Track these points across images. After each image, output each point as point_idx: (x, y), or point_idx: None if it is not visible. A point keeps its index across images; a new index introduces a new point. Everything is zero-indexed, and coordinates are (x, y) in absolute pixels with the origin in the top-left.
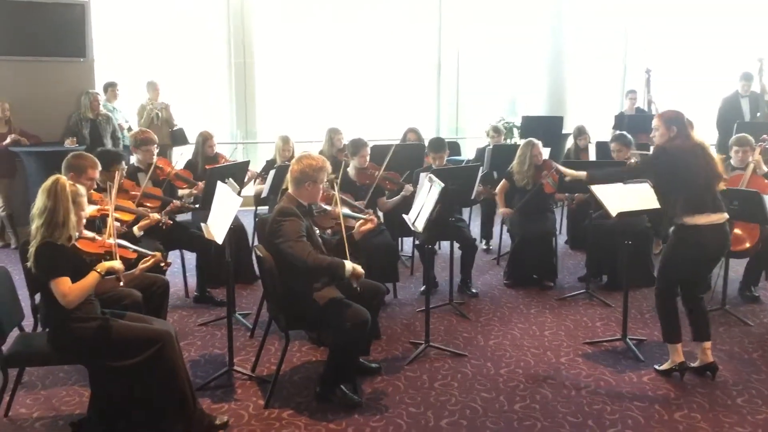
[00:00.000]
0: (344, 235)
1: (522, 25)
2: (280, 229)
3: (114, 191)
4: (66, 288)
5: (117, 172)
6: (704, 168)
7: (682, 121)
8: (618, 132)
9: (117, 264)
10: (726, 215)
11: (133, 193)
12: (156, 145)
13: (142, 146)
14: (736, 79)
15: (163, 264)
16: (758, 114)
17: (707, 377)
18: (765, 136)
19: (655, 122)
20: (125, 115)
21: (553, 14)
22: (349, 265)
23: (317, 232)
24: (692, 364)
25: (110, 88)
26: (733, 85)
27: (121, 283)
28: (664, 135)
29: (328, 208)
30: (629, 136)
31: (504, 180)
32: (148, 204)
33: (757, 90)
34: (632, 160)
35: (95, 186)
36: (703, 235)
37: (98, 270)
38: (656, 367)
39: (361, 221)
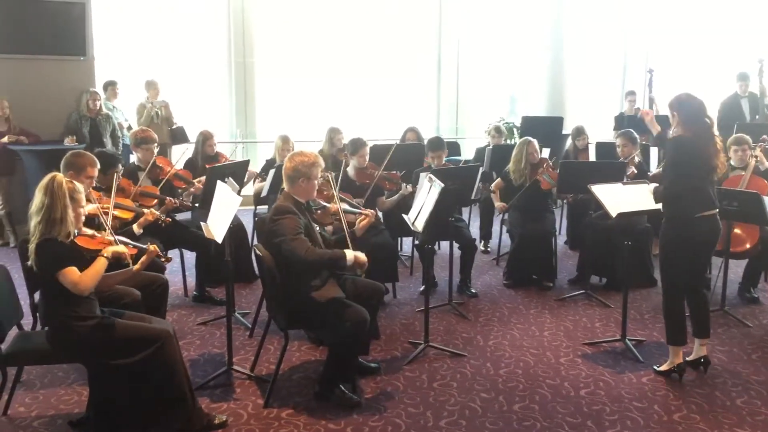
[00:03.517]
0: (346, 230)
1: (522, 26)
2: (277, 228)
3: (113, 193)
4: (76, 276)
5: (114, 174)
6: (705, 164)
7: (685, 107)
8: (624, 129)
9: (121, 247)
10: (716, 210)
11: (129, 191)
12: (156, 144)
13: (143, 145)
14: (733, 79)
15: (163, 259)
16: (756, 116)
17: (701, 371)
18: (765, 136)
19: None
20: (125, 113)
21: (553, 15)
22: (350, 254)
23: (317, 228)
24: (687, 358)
25: (110, 87)
26: (733, 85)
27: (133, 268)
28: (672, 120)
29: (327, 204)
30: (635, 133)
31: (500, 179)
32: (145, 202)
33: (756, 91)
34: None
35: (94, 184)
36: (695, 224)
37: (104, 254)
38: (655, 367)
39: (361, 217)
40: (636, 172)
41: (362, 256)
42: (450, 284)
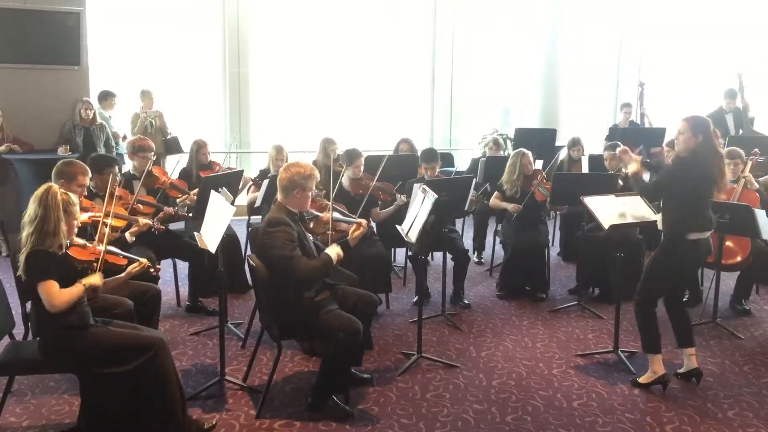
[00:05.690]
0: (330, 238)
1: (516, 38)
2: (271, 240)
3: (107, 197)
4: (53, 291)
5: (110, 176)
6: (712, 186)
7: (709, 130)
8: (612, 142)
9: (97, 279)
10: (710, 231)
11: (126, 200)
12: (153, 153)
13: (140, 153)
14: (720, 95)
15: (152, 270)
16: (740, 131)
17: (693, 383)
18: (756, 150)
19: (681, 126)
20: (119, 123)
21: (547, 27)
22: (333, 254)
23: (310, 238)
24: (678, 370)
25: (108, 97)
26: (719, 100)
27: (120, 276)
28: (689, 141)
29: (320, 213)
30: (622, 146)
31: (497, 192)
32: (142, 211)
33: (740, 106)
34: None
35: (86, 193)
36: (697, 248)
37: (83, 283)
38: (637, 379)
39: (354, 227)
40: (622, 184)
41: (339, 249)
42: (443, 295)
